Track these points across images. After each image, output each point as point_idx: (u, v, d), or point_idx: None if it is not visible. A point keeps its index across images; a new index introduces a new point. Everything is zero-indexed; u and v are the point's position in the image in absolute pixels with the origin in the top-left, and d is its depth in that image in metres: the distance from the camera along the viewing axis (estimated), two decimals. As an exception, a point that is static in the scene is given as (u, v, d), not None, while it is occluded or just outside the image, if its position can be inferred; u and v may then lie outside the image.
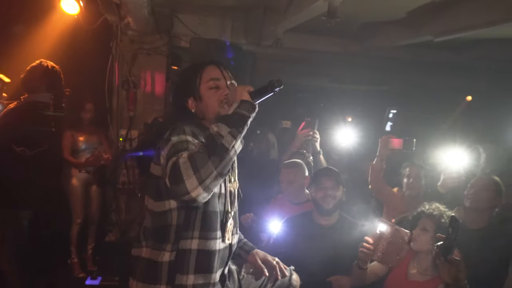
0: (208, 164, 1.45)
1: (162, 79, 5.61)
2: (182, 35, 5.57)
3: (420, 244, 2.39)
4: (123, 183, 5.42)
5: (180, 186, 1.45)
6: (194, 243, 1.69)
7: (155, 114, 5.50)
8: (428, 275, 2.34)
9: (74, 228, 4.59)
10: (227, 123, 1.55)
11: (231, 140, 1.52)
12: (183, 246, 1.68)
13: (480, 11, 3.87)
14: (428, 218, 2.40)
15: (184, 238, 1.68)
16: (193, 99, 1.87)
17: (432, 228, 2.35)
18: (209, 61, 1.92)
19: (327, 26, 3.45)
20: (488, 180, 2.91)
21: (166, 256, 1.68)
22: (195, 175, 1.44)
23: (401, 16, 4.65)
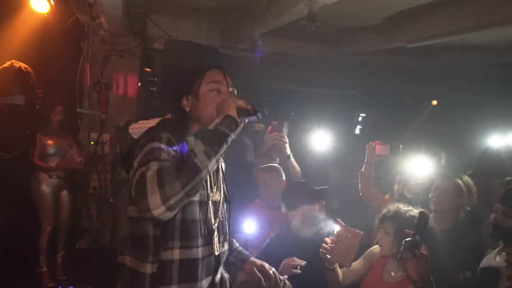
0: (176, 183, 1.40)
1: (135, 81, 5.49)
2: (156, 37, 5.48)
3: (385, 248, 2.41)
4: (94, 188, 5.26)
5: (142, 201, 1.39)
6: (176, 253, 1.63)
7: (127, 117, 5.35)
8: (399, 276, 2.37)
9: (43, 236, 4.39)
10: (203, 140, 1.50)
11: (205, 159, 1.47)
12: (164, 257, 1.62)
13: (451, 20, 4.02)
14: (389, 220, 2.42)
15: (165, 249, 1.62)
16: (189, 98, 1.82)
17: (392, 230, 2.37)
18: (214, 65, 1.87)
19: (302, 30, 3.47)
20: (448, 183, 2.99)
21: (149, 268, 1.62)
22: (160, 192, 1.38)
23: (376, 22, 4.76)
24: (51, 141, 4.40)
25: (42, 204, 4.34)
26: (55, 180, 4.38)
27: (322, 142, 4.36)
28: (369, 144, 3.30)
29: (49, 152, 4.37)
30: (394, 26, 4.68)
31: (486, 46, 5.62)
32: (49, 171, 4.32)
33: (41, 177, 4.34)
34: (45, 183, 4.33)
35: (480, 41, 5.40)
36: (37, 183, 4.32)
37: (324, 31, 5.11)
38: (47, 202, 4.35)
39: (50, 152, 4.37)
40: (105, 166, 5.27)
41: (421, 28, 4.33)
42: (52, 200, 4.38)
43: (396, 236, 2.33)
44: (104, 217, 5.32)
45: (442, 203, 2.94)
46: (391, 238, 2.36)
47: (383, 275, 2.46)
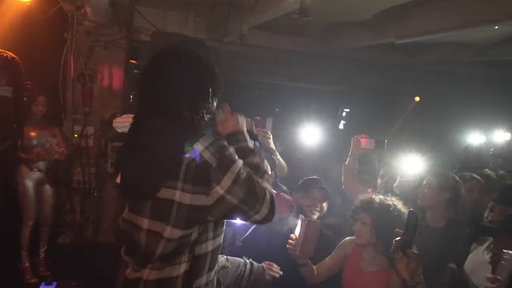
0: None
1: (120, 73, 5.37)
2: (142, 29, 5.37)
3: (363, 238, 2.44)
4: (77, 182, 5.15)
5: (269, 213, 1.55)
6: (210, 245, 1.60)
7: (112, 110, 5.27)
8: (378, 264, 2.40)
9: (25, 231, 4.28)
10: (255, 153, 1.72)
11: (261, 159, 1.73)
12: (198, 252, 1.58)
13: (441, 17, 4.05)
14: (364, 211, 2.45)
15: (199, 243, 1.57)
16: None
17: (368, 221, 2.40)
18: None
19: (290, 25, 3.44)
20: (430, 179, 3.01)
21: (182, 268, 1.56)
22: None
23: (365, 18, 4.77)
24: (33, 133, 4.27)
25: (24, 198, 4.23)
26: (37, 174, 4.27)
27: (311, 137, 4.37)
28: (354, 137, 3.30)
29: (32, 144, 4.24)
30: (383, 22, 4.69)
31: (471, 44, 5.70)
32: (30, 162, 4.20)
33: (23, 171, 4.23)
34: (26, 176, 4.22)
35: (465, 39, 5.48)
36: (20, 176, 4.21)
37: (312, 26, 5.10)
38: (28, 196, 4.23)
39: (33, 143, 4.24)
40: (89, 160, 5.16)
41: (410, 24, 4.35)
42: (34, 194, 4.27)
43: (373, 226, 2.37)
44: (88, 212, 5.23)
45: (425, 198, 2.97)
46: (369, 228, 2.39)
47: (362, 265, 2.48)
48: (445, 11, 3.98)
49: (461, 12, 3.93)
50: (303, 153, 4.71)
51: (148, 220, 1.52)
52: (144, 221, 1.53)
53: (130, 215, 1.60)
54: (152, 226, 1.52)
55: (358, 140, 3.27)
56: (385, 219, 2.32)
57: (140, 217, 1.55)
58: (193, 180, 1.45)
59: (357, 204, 2.53)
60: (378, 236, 2.36)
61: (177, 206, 1.47)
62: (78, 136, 5.09)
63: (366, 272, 2.44)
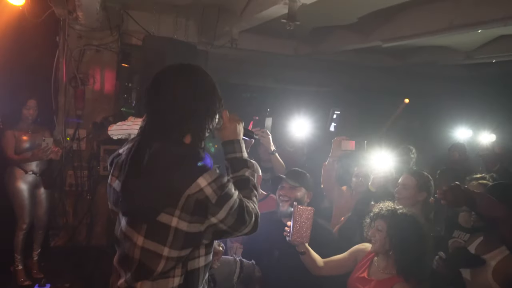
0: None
1: (112, 76, 5.42)
2: (134, 32, 5.44)
3: (377, 245, 2.45)
4: (70, 184, 5.18)
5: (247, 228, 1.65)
6: (202, 261, 1.65)
7: (104, 113, 5.33)
8: (387, 274, 2.41)
9: (19, 234, 4.27)
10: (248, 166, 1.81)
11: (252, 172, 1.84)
12: (191, 267, 1.62)
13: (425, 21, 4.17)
14: (381, 219, 2.47)
15: (192, 259, 1.62)
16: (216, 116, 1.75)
17: (384, 228, 2.42)
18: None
19: (278, 28, 3.51)
20: (408, 178, 3.07)
21: (176, 281, 1.60)
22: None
23: (352, 21, 4.87)
24: (25, 137, 4.27)
25: (18, 201, 4.23)
26: (31, 177, 4.28)
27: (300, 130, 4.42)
28: (334, 139, 3.38)
29: (24, 147, 4.24)
30: (370, 26, 4.81)
31: (456, 47, 5.85)
32: (25, 162, 4.21)
33: (17, 174, 4.23)
34: (21, 179, 4.22)
35: (450, 42, 5.62)
36: (13, 179, 4.21)
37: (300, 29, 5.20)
38: (23, 199, 4.24)
39: (25, 147, 4.24)
40: (82, 163, 5.20)
41: (396, 28, 4.47)
42: (28, 197, 4.28)
43: (388, 234, 2.39)
44: (81, 214, 5.26)
45: (402, 198, 3.02)
46: (384, 235, 2.41)
47: (371, 271, 2.50)
48: (430, 15, 4.10)
49: (446, 16, 4.06)
50: (293, 146, 4.75)
51: (143, 238, 1.54)
52: (139, 238, 1.55)
53: (127, 228, 1.61)
54: (147, 245, 1.54)
55: (338, 142, 3.34)
56: (400, 229, 2.36)
57: (136, 233, 1.56)
58: (192, 212, 1.50)
59: (376, 211, 2.54)
60: (392, 244, 2.38)
61: (174, 231, 1.51)
62: (70, 139, 5.12)
63: (372, 280, 2.45)
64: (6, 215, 4.32)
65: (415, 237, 2.34)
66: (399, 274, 2.34)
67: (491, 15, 3.79)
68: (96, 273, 4.45)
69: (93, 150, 5.24)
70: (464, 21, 3.96)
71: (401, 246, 2.33)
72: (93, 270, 4.49)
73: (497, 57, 5.78)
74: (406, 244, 2.32)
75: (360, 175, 3.52)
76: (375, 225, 2.49)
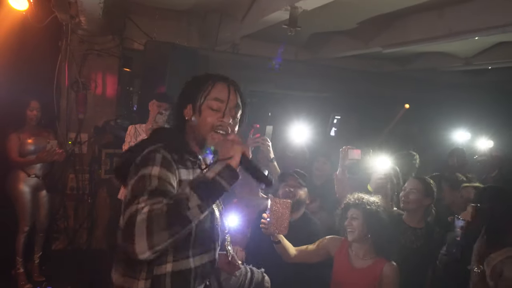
0: (165, 233, 1.38)
1: (113, 81, 5.47)
2: (135, 37, 5.48)
3: (356, 233, 2.59)
4: (71, 188, 5.21)
5: (129, 245, 1.37)
6: (169, 267, 1.63)
7: (106, 117, 5.36)
8: (369, 259, 2.56)
9: (20, 237, 4.29)
10: (200, 193, 1.44)
11: (197, 213, 1.43)
12: (157, 272, 1.62)
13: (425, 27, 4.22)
14: (355, 207, 2.63)
15: (157, 265, 1.61)
16: (191, 108, 1.77)
17: (359, 215, 2.59)
18: (223, 78, 1.80)
19: (279, 33, 3.56)
20: (415, 183, 3.16)
21: (141, 284, 1.61)
22: (147, 240, 1.36)
23: (352, 27, 4.92)
24: (30, 140, 4.29)
25: (20, 204, 4.25)
26: (33, 180, 4.30)
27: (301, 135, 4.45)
28: (342, 149, 3.43)
29: (29, 150, 4.27)
30: (370, 32, 4.86)
31: (455, 53, 5.90)
32: (29, 165, 4.24)
33: (19, 177, 4.25)
34: (23, 182, 4.25)
35: (449, 49, 5.67)
36: (16, 182, 4.24)
37: (301, 35, 5.25)
38: (25, 202, 4.26)
39: (30, 150, 4.27)
40: (83, 166, 5.23)
41: (396, 34, 4.51)
42: (31, 200, 4.30)
43: (365, 220, 2.57)
44: (82, 218, 5.28)
45: (409, 202, 3.12)
46: (360, 222, 2.58)
47: (352, 260, 2.63)
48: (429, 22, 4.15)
49: (445, 22, 4.12)
50: (293, 151, 4.78)
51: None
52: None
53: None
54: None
55: (346, 151, 3.40)
56: (374, 213, 2.56)
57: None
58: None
59: (346, 202, 2.72)
60: (369, 229, 2.56)
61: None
62: (72, 143, 5.16)
63: (358, 269, 2.57)
64: (7, 218, 4.34)
65: (386, 218, 2.59)
66: (380, 256, 2.54)
67: (490, 23, 3.84)
68: (96, 276, 4.47)
69: (94, 154, 5.28)
70: (463, 28, 4.02)
71: (378, 229, 2.54)
72: (94, 273, 4.50)
73: (496, 64, 5.84)
74: (381, 226, 2.55)
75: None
76: (349, 214, 2.65)
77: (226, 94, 1.74)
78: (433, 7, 4.19)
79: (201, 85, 1.77)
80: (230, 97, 1.74)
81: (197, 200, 1.43)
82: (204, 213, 1.47)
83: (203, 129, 1.72)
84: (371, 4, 4.24)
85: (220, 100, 1.73)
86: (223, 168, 1.50)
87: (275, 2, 3.78)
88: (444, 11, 4.15)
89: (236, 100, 1.77)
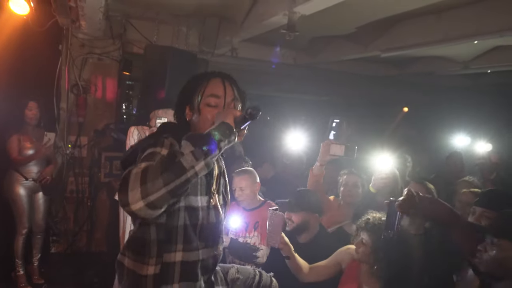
0: (159, 180, 1.35)
1: (113, 84, 5.50)
2: (135, 41, 5.52)
3: (361, 255, 2.46)
4: (71, 191, 5.23)
5: (123, 195, 1.34)
6: (178, 256, 1.68)
7: (105, 120, 5.39)
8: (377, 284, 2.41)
9: (18, 239, 4.30)
10: (193, 141, 1.45)
11: (192, 160, 1.40)
12: (167, 259, 1.66)
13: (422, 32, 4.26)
14: (366, 232, 2.45)
15: (167, 252, 1.66)
16: (190, 108, 1.80)
17: (368, 243, 2.41)
18: (216, 74, 1.80)
19: (278, 37, 3.58)
20: (416, 187, 2.98)
21: (151, 270, 1.65)
22: (141, 187, 1.33)
23: (350, 31, 4.96)
24: (29, 144, 4.32)
25: (18, 207, 4.27)
26: (31, 183, 4.34)
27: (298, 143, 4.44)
28: (323, 143, 3.21)
29: (28, 153, 4.31)
30: (368, 36, 4.89)
31: (453, 57, 5.94)
32: (30, 161, 4.27)
33: (16, 179, 4.28)
34: (20, 185, 4.27)
35: (448, 53, 5.71)
36: (12, 185, 4.26)
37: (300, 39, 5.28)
38: (22, 204, 4.27)
39: (29, 153, 4.31)
40: (83, 169, 5.25)
41: (394, 38, 4.55)
42: (27, 202, 4.32)
43: (372, 249, 2.38)
44: (81, 221, 5.30)
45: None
46: (368, 250, 2.40)
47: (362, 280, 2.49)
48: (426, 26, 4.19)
49: (443, 27, 4.15)
50: (289, 159, 4.82)
51: None
52: None
53: None
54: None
55: (328, 146, 3.16)
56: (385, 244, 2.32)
57: None
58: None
59: (364, 221, 2.50)
60: (376, 259, 2.37)
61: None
62: (72, 146, 5.18)
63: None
64: (5, 221, 4.36)
65: (400, 255, 2.32)
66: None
67: (487, 27, 3.87)
68: (96, 279, 4.49)
69: (94, 157, 5.29)
70: (460, 33, 4.05)
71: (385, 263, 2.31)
72: (93, 276, 4.52)
73: (493, 67, 5.87)
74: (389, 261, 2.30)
75: (349, 184, 3.43)
76: (361, 237, 2.46)
77: (222, 89, 1.75)
78: (431, 12, 4.23)
79: (196, 84, 1.78)
80: (227, 92, 1.75)
81: (190, 146, 1.42)
82: (200, 162, 1.42)
83: (205, 127, 1.67)
84: (369, 9, 4.28)
85: (216, 96, 1.74)
86: (216, 125, 1.53)
87: (274, 7, 3.82)
88: (441, 15, 4.19)
89: (233, 94, 1.77)
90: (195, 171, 1.41)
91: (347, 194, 3.42)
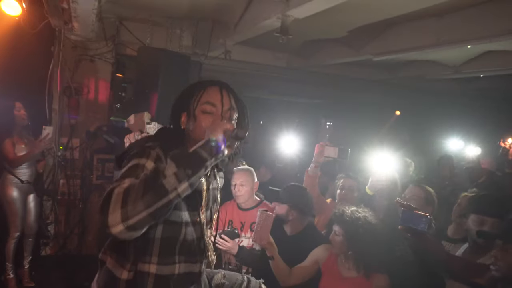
0: (139, 203, 1.33)
1: (106, 86, 5.49)
2: (128, 43, 5.51)
3: (337, 248, 2.59)
4: (62, 193, 5.20)
5: (104, 217, 1.33)
6: (152, 268, 1.66)
7: (98, 122, 5.37)
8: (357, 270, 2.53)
9: (10, 243, 4.27)
10: (177, 162, 1.42)
11: (174, 182, 1.38)
12: (141, 268, 1.65)
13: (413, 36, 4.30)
14: (337, 224, 2.58)
15: (142, 262, 1.65)
16: (186, 116, 1.75)
17: (341, 233, 2.55)
18: (215, 82, 1.77)
19: (271, 40, 3.61)
20: (416, 191, 3.07)
21: (125, 275, 1.65)
22: (121, 210, 1.31)
23: (343, 35, 4.99)
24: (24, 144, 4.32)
25: (11, 210, 4.24)
26: (25, 185, 4.31)
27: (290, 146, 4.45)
28: (318, 144, 3.29)
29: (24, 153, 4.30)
30: (361, 40, 4.93)
31: (444, 61, 6.00)
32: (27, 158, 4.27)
33: (10, 182, 4.25)
34: (14, 187, 4.25)
35: (439, 57, 5.77)
36: (6, 188, 4.24)
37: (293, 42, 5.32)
38: (15, 207, 4.25)
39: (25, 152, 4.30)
40: (75, 171, 5.22)
41: (386, 42, 4.60)
42: (21, 205, 4.30)
43: (345, 237, 2.54)
44: (73, 223, 5.27)
45: None
46: (341, 239, 2.56)
47: (341, 271, 2.60)
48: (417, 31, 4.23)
49: (434, 32, 4.20)
50: (282, 162, 4.84)
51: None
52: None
53: None
54: None
55: (322, 147, 3.25)
56: (355, 231, 2.50)
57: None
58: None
59: (332, 216, 2.67)
60: (350, 246, 2.53)
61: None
62: (64, 148, 5.15)
63: (348, 278, 2.54)
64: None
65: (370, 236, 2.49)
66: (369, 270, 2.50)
67: (477, 33, 3.92)
68: (87, 282, 4.44)
69: (86, 159, 5.27)
70: (451, 38, 4.10)
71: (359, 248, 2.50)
72: (85, 279, 4.48)
73: (484, 72, 5.94)
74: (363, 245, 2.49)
75: (345, 187, 3.48)
76: (333, 229, 2.62)
77: (219, 97, 1.72)
78: (422, 17, 4.28)
79: (193, 92, 1.76)
80: (224, 101, 1.71)
81: (173, 168, 1.40)
82: (184, 184, 1.40)
83: (200, 134, 1.65)
84: (362, 13, 4.32)
85: (212, 104, 1.70)
86: (203, 142, 1.49)
87: (267, 11, 3.84)
88: (433, 20, 4.24)
89: (229, 103, 1.73)
90: (177, 193, 1.40)
91: (342, 198, 3.46)
